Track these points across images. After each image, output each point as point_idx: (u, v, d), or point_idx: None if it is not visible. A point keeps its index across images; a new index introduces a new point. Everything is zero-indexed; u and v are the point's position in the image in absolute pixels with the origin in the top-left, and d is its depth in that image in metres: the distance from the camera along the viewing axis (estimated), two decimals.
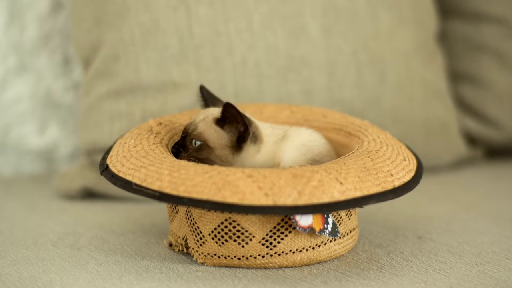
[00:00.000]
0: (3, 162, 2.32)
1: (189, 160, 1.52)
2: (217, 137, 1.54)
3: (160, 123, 1.64)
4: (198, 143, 1.53)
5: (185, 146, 1.55)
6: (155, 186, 1.41)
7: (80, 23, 2.07)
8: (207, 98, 1.65)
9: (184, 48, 2.02)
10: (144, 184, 1.42)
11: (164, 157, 1.48)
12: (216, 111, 1.57)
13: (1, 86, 2.27)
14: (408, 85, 2.20)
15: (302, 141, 1.57)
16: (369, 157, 1.48)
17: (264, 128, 1.58)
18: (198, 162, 1.49)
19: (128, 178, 1.45)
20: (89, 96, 2.06)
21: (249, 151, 1.55)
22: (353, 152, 1.52)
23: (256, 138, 1.55)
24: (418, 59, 2.22)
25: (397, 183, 1.46)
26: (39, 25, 2.27)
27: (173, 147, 1.56)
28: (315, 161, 1.54)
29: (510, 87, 2.34)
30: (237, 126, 1.53)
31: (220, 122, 1.54)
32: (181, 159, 1.52)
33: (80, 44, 2.09)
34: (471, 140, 2.40)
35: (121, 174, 1.47)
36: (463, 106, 2.38)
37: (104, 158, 1.56)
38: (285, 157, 1.55)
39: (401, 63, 2.19)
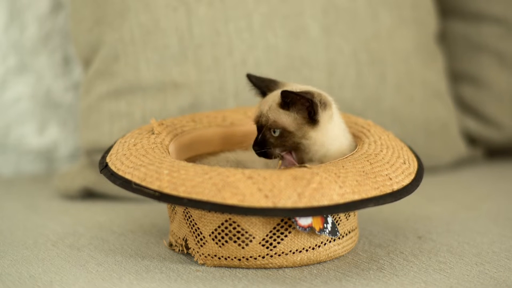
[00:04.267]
0: (3, 162, 2.32)
1: (281, 154, 1.52)
2: (291, 120, 1.52)
3: (162, 124, 1.64)
4: (277, 131, 1.52)
5: (266, 141, 1.53)
6: (154, 185, 1.41)
7: (80, 23, 2.07)
8: (259, 84, 1.61)
9: (184, 48, 2.02)
10: (143, 184, 1.42)
11: (164, 156, 1.48)
12: (277, 96, 1.54)
13: (1, 86, 2.27)
14: (408, 85, 2.20)
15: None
16: (368, 161, 1.48)
17: None
18: (291, 154, 1.51)
19: (128, 176, 1.45)
20: (89, 96, 2.06)
21: (324, 118, 1.54)
22: (352, 154, 1.52)
23: (325, 103, 1.54)
24: (418, 59, 2.22)
25: (396, 187, 1.45)
26: (39, 25, 2.27)
27: (255, 148, 1.54)
28: (349, 151, 1.57)
29: (510, 87, 2.34)
30: (302, 104, 1.51)
31: (285, 106, 1.52)
32: (273, 154, 1.52)
33: (80, 44, 2.09)
34: (471, 140, 2.40)
35: (120, 173, 1.47)
36: (463, 106, 2.38)
37: (104, 157, 1.56)
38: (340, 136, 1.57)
39: (401, 63, 2.19)
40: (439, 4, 2.38)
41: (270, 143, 1.53)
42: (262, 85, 1.60)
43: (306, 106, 1.51)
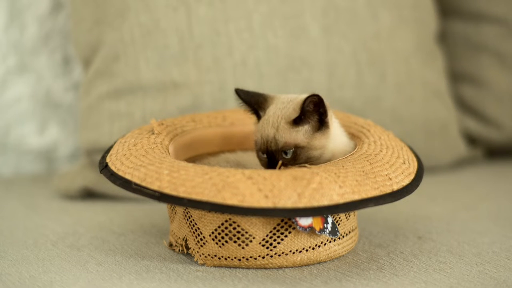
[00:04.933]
0: (3, 162, 2.32)
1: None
2: (301, 135, 1.50)
3: (162, 124, 1.64)
4: (290, 152, 1.50)
5: (277, 160, 1.51)
6: (154, 186, 1.41)
7: (80, 23, 2.07)
8: (248, 100, 1.57)
9: (184, 48, 2.02)
10: (143, 184, 1.42)
11: (164, 156, 1.48)
12: (282, 112, 1.52)
13: (1, 86, 2.27)
14: (408, 85, 2.20)
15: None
16: (367, 161, 1.48)
17: None
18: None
19: (128, 177, 1.45)
20: (89, 96, 2.07)
21: (332, 119, 1.54)
22: (351, 154, 1.52)
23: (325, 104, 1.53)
24: (418, 59, 2.22)
25: (395, 187, 1.45)
26: (39, 25, 2.27)
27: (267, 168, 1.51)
28: (351, 149, 1.57)
29: (510, 87, 2.34)
30: (314, 109, 1.49)
31: (298, 120, 1.49)
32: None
33: (80, 44, 2.09)
34: (471, 140, 2.39)
35: (120, 173, 1.47)
36: (463, 106, 2.38)
37: (104, 157, 1.56)
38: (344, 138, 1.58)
39: (401, 63, 2.19)
40: (439, 4, 2.38)
41: (284, 165, 1.51)
42: (251, 101, 1.56)
43: (318, 110, 1.49)
